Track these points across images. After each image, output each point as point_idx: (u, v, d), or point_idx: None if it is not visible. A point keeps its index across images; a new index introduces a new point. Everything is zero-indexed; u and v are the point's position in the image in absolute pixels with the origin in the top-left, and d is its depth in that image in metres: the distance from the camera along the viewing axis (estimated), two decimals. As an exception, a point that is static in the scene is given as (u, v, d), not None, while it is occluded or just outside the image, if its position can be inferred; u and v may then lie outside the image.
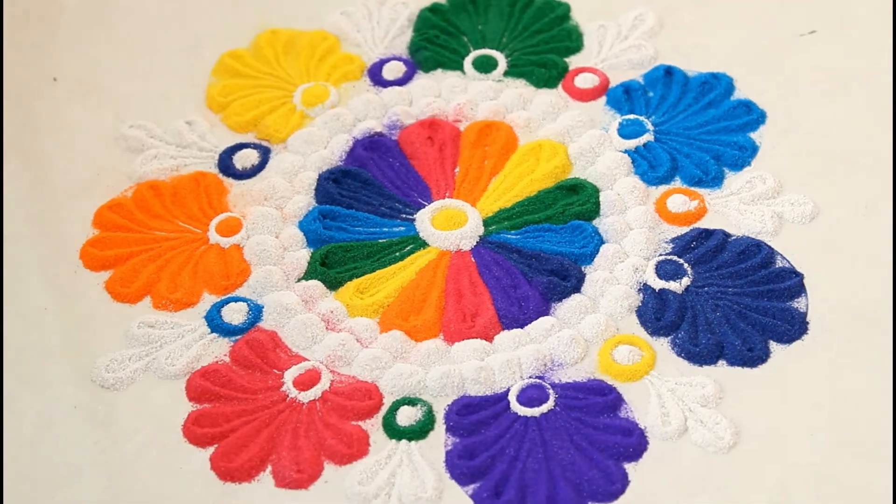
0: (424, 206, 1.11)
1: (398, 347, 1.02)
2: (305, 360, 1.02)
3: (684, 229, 1.08)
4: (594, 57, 1.20)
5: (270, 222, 1.10)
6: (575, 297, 1.04)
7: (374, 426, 0.98)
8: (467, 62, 1.20)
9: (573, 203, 1.09)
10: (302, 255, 1.08)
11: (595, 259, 1.06)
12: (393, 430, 0.98)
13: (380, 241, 1.09)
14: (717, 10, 1.22)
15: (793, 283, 1.03)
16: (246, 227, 1.10)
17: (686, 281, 1.04)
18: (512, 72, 1.19)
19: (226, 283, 1.07)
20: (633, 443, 0.96)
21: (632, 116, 1.15)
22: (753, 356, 1.00)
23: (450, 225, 1.09)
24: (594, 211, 1.09)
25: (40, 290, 1.06)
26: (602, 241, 1.07)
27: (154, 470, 0.96)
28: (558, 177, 1.12)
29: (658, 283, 1.04)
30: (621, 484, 0.94)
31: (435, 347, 1.02)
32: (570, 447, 0.96)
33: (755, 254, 1.05)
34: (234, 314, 1.04)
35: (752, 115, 1.14)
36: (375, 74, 1.20)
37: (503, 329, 1.03)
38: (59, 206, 1.11)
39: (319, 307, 1.05)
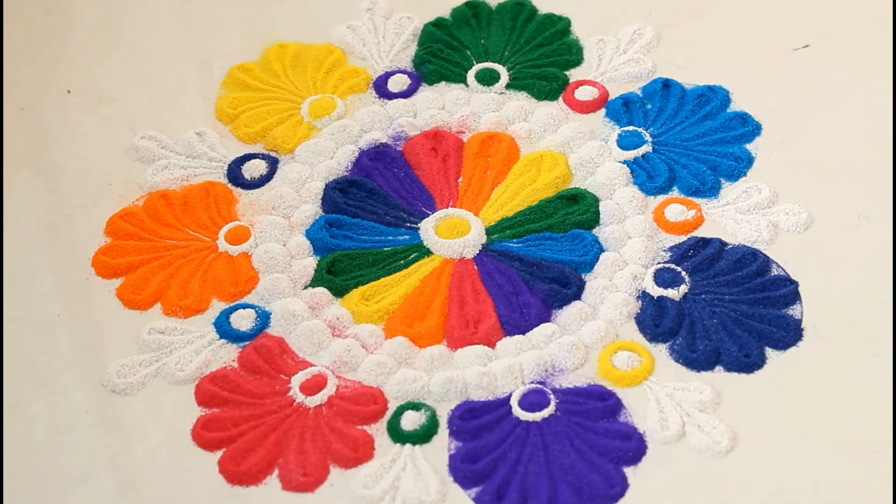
0: (428, 216, 1.11)
1: (402, 353, 1.02)
2: (312, 365, 1.02)
3: (682, 238, 1.07)
4: (594, 70, 1.20)
5: (278, 231, 1.09)
6: (575, 304, 1.03)
7: (378, 430, 0.98)
8: (470, 75, 1.20)
9: (573, 212, 1.09)
10: (308, 263, 1.08)
11: (595, 267, 1.06)
12: (397, 435, 0.97)
13: (385, 249, 1.09)
14: (713, 24, 1.22)
15: (788, 290, 1.03)
16: (254, 235, 1.09)
17: (684, 288, 1.04)
18: (514, 84, 1.19)
19: (234, 290, 1.06)
20: (633, 447, 0.95)
21: (630, 128, 1.15)
22: (750, 362, 0.99)
23: (453, 234, 1.09)
24: (594, 220, 1.09)
25: (53, 297, 1.06)
26: (602, 250, 1.07)
27: (163, 473, 0.96)
28: (559, 187, 1.11)
29: (656, 291, 1.04)
30: (621, 487, 0.93)
31: (438, 353, 1.02)
32: (570, 451, 0.95)
33: (751, 262, 1.05)
34: (242, 320, 1.04)
35: (748, 127, 1.14)
36: (381, 87, 1.20)
37: (505, 335, 1.02)
38: (72, 216, 1.11)
39: (326, 314, 1.04)
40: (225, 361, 1.02)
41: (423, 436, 0.97)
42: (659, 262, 1.06)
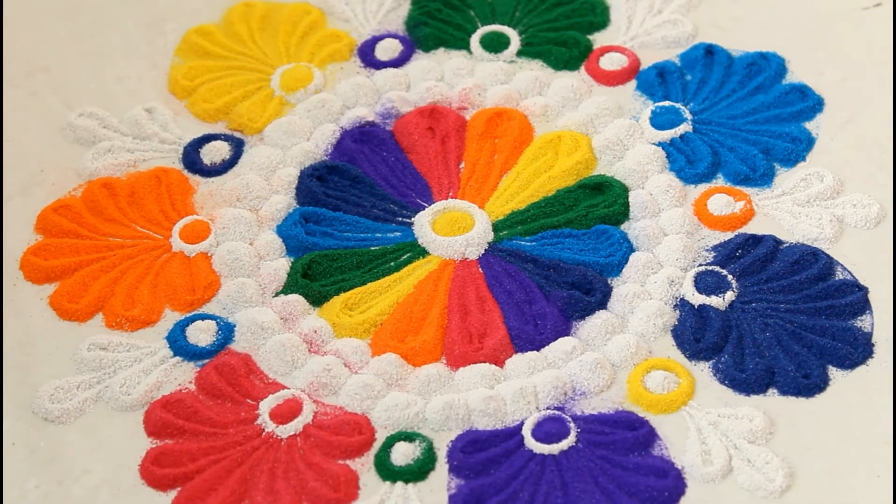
0: (424, 208, 1.12)
1: (393, 373, 1.03)
2: (284, 388, 1.02)
3: (728, 235, 1.08)
4: (622, 34, 1.21)
5: (244, 227, 1.10)
6: (600, 315, 1.04)
7: (364, 466, 0.99)
8: (474, 40, 1.21)
9: (598, 204, 1.10)
10: (280, 266, 1.09)
11: (623, 270, 1.07)
12: (387, 471, 0.98)
13: (372, 248, 1.10)
14: None
15: (856, 298, 1.04)
16: (215, 232, 1.10)
17: (730, 296, 1.04)
18: (526, 51, 1.20)
19: (191, 297, 1.07)
20: (669, 486, 0.96)
21: (666, 103, 1.16)
22: (809, 384, 1.00)
23: (453, 230, 1.10)
24: (622, 213, 1.10)
25: None
26: (632, 249, 1.08)
27: (106, 517, 0.97)
28: (580, 174, 1.12)
29: (698, 299, 1.04)
30: None
31: (436, 373, 1.02)
32: (594, 491, 0.96)
33: (811, 264, 1.06)
34: (201, 334, 1.05)
35: (808, 102, 1.15)
36: (367, 54, 1.21)
37: (516, 352, 1.03)
38: None
39: (301, 326, 1.05)
40: (180, 383, 1.03)
41: (418, 472, 0.98)
42: (701, 265, 1.06)
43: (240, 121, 1.17)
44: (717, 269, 1.06)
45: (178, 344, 1.04)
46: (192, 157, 1.15)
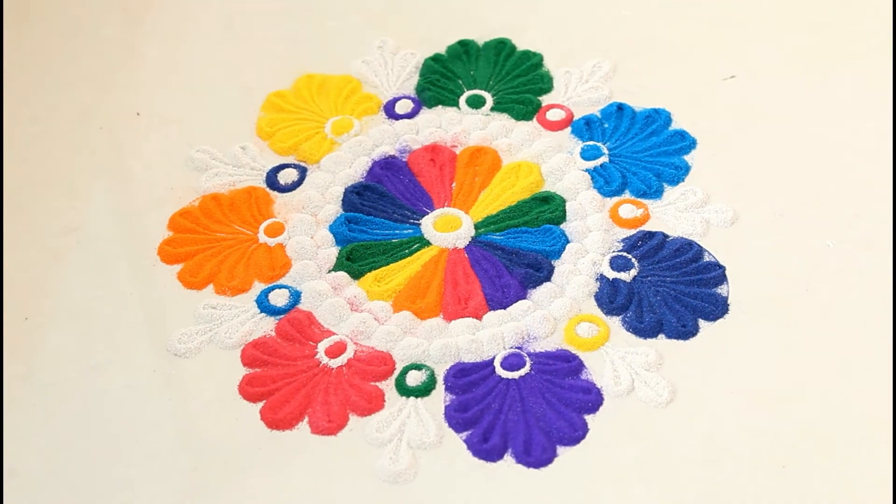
0: (428, 214, 1.12)
1: (407, 324, 1.03)
2: (334, 334, 1.03)
3: (632, 232, 1.08)
4: (562, 96, 1.20)
5: (307, 226, 1.11)
6: (546, 285, 1.05)
7: (388, 386, 0.99)
8: (462, 100, 1.21)
9: (545, 211, 1.10)
10: (332, 252, 1.09)
11: (562, 255, 1.07)
12: (403, 389, 0.99)
13: (393, 240, 1.10)
14: (658, 59, 1.22)
15: (717, 273, 1.04)
16: (288, 230, 1.10)
17: (633, 272, 1.05)
18: (497, 108, 1.20)
19: (272, 273, 1.07)
20: (592, 399, 0.97)
21: (591, 143, 1.15)
22: (686, 331, 1.00)
23: (448, 228, 1.10)
24: (561, 217, 1.10)
25: (126, 280, 1.07)
26: (568, 241, 1.08)
27: (216, 420, 0.97)
28: (533, 190, 1.12)
29: (611, 274, 1.05)
30: (583, 431, 0.95)
31: (436, 324, 1.03)
32: (542, 402, 0.97)
33: (687, 251, 1.06)
34: (279, 298, 1.05)
35: (686, 142, 1.14)
36: (390, 110, 1.20)
37: (490, 310, 1.04)
38: (142, 214, 1.12)
39: (345, 293, 1.05)
40: (265, 331, 1.03)
41: (424, 390, 0.99)
42: (613, 251, 1.07)
43: (304, 155, 1.17)
44: (625, 254, 1.06)
45: (263, 305, 1.05)
46: (272, 179, 1.15)
